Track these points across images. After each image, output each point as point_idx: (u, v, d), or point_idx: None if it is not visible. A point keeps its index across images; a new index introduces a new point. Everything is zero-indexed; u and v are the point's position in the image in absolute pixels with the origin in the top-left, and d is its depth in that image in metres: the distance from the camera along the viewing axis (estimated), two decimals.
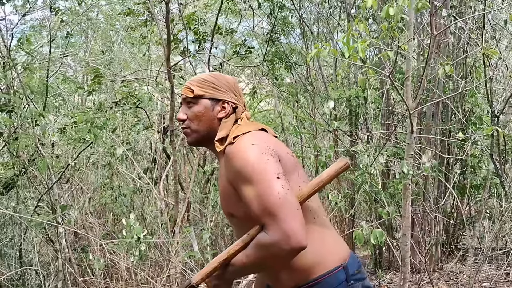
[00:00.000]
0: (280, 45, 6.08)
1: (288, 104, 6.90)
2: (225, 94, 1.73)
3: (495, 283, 4.85)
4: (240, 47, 5.64)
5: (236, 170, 1.55)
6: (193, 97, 1.72)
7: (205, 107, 1.72)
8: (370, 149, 3.85)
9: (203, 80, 1.73)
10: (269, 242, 1.47)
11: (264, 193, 1.49)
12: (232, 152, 1.59)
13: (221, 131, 1.69)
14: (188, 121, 1.74)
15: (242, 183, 1.53)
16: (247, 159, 1.53)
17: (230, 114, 1.73)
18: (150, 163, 5.73)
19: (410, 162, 3.17)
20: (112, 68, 5.82)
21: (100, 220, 6.36)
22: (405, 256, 3.30)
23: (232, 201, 1.62)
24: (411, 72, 3.15)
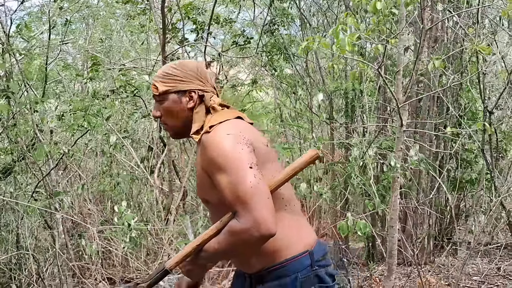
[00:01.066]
0: (280, 36, 6.07)
1: (287, 95, 6.92)
2: (190, 84, 1.73)
3: (485, 277, 4.89)
4: (239, 38, 5.65)
5: (210, 159, 1.59)
6: (159, 94, 1.74)
7: (173, 101, 1.74)
8: (364, 141, 3.88)
9: (166, 74, 1.74)
10: (240, 229, 1.53)
11: (236, 181, 1.54)
12: (207, 141, 1.62)
13: (195, 123, 1.72)
14: (163, 118, 1.78)
15: (216, 171, 1.58)
16: (222, 149, 1.58)
17: (199, 103, 1.75)
18: (147, 152, 5.77)
19: (399, 156, 3.20)
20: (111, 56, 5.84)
21: (98, 207, 6.43)
22: (392, 248, 3.35)
23: (206, 187, 1.67)
24: (402, 66, 3.17)
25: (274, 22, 5.83)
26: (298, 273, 1.65)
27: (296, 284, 1.64)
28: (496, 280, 4.83)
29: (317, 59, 5.49)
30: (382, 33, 2.78)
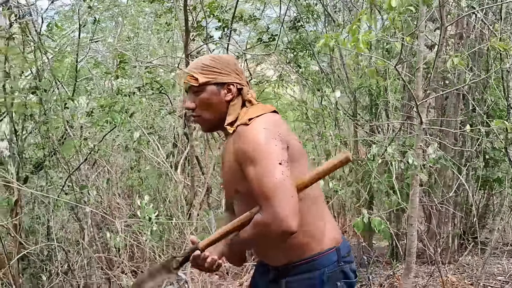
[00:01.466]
0: (305, 32, 6.07)
1: (313, 92, 6.92)
2: (229, 76, 1.75)
3: (510, 277, 4.81)
4: (263, 35, 5.69)
5: (245, 150, 1.62)
6: (199, 85, 1.74)
7: (212, 93, 1.74)
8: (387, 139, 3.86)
9: (205, 66, 1.75)
10: (261, 222, 1.57)
11: (263, 175, 1.57)
12: (244, 133, 1.65)
13: (230, 115, 1.74)
14: (198, 109, 1.77)
15: (248, 162, 1.61)
16: (257, 142, 1.61)
17: (236, 96, 1.77)
18: (172, 148, 5.87)
19: (419, 153, 3.18)
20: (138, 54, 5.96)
21: (126, 201, 6.57)
22: (411, 246, 3.33)
23: (237, 178, 1.68)
24: (422, 63, 3.15)
25: (298, 19, 5.84)
26: (325, 268, 1.70)
27: (323, 278, 1.69)
28: None
29: (341, 55, 5.47)
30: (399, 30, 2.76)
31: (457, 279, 4.29)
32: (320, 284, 1.69)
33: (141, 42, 6.28)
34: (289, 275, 1.72)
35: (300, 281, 1.70)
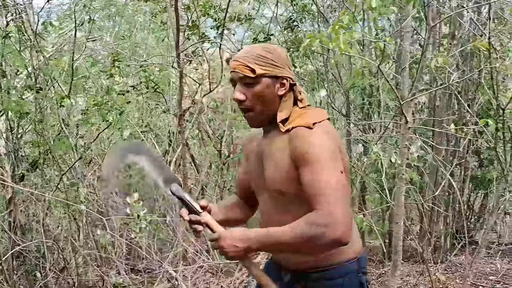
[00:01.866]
0: (300, 32, 6.09)
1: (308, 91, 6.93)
2: (284, 70, 1.67)
3: (502, 277, 4.82)
4: (258, 34, 5.71)
5: (309, 152, 1.54)
6: (254, 77, 1.63)
7: (267, 86, 1.65)
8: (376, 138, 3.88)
9: (261, 57, 1.64)
10: (319, 222, 1.47)
11: (328, 179, 1.51)
12: (309, 135, 1.57)
13: (282, 111, 1.66)
14: (249, 102, 1.67)
15: (310, 163, 1.53)
16: (323, 146, 1.55)
17: (288, 91, 1.69)
18: (168, 146, 5.90)
19: (404, 152, 3.20)
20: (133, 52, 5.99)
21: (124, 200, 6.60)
22: (396, 244, 3.35)
23: (286, 177, 1.61)
24: (407, 63, 3.17)
25: (293, 19, 5.86)
26: (347, 277, 1.67)
27: (343, 286, 1.67)
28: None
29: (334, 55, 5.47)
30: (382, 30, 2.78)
31: (446, 278, 4.30)
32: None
33: (137, 41, 6.30)
34: (309, 280, 1.69)
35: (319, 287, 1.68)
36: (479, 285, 4.60)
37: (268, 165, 1.68)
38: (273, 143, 1.68)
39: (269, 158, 1.68)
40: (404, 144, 3.18)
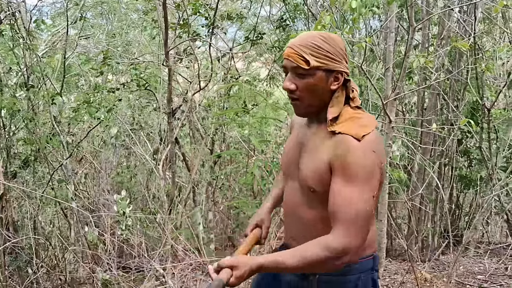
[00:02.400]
0: (292, 31, 6.12)
1: None
2: (340, 64, 1.58)
3: (490, 276, 4.86)
4: (249, 33, 5.73)
5: (349, 168, 1.50)
6: (309, 69, 1.56)
7: (320, 79, 1.57)
8: None
9: (318, 48, 1.55)
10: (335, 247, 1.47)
11: (358, 200, 1.49)
12: (354, 148, 1.51)
13: (333, 107, 1.59)
14: (299, 93, 1.60)
15: (346, 177, 1.51)
16: (364, 165, 1.50)
17: (341, 86, 1.61)
18: (159, 144, 5.92)
19: (388, 151, 3.23)
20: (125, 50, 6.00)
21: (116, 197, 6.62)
22: (380, 242, 3.39)
23: (321, 178, 1.58)
24: (391, 64, 3.20)
25: (285, 18, 5.89)
26: (361, 274, 1.66)
27: (358, 283, 1.65)
28: (501, 279, 4.79)
29: None
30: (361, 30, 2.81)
31: (432, 276, 4.34)
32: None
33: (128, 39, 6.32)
34: (322, 273, 1.65)
35: (334, 283, 1.65)
36: (466, 284, 4.63)
37: (306, 159, 1.65)
38: (316, 139, 1.64)
39: (308, 152, 1.65)
40: (388, 143, 3.21)
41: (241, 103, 6.04)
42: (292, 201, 1.73)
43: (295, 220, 1.73)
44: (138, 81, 5.29)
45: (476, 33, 3.47)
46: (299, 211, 1.69)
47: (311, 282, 1.68)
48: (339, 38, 1.63)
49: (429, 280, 4.41)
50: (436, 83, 4.24)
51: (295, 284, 1.74)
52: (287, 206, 1.78)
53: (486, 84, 5.02)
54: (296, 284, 1.74)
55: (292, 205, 1.73)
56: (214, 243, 5.88)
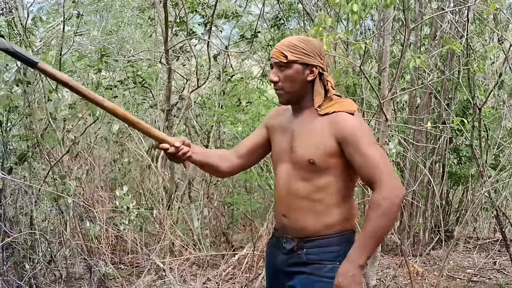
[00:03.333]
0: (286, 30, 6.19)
1: None
2: (314, 59, 1.92)
3: (479, 270, 5.01)
4: (245, 31, 5.80)
5: (357, 134, 1.82)
6: (286, 62, 1.91)
7: (297, 71, 1.91)
8: None
9: (294, 46, 1.91)
10: (384, 195, 1.76)
11: (381, 156, 1.85)
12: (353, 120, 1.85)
13: (316, 96, 1.93)
14: (281, 83, 1.94)
15: (361, 144, 1.82)
16: (367, 131, 1.88)
17: (318, 78, 1.94)
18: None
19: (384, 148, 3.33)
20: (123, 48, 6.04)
21: (110, 194, 6.65)
22: None
23: (324, 151, 1.86)
24: (387, 63, 3.30)
25: (280, 17, 5.96)
26: (343, 245, 1.89)
27: (341, 253, 1.86)
28: (489, 273, 4.94)
29: None
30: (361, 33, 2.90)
31: (424, 270, 4.46)
32: (336, 258, 1.87)
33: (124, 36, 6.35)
34: (310, 246, 1.90)
35: (319, 253, 1.89)
36: (456, 278, 4.78)
37: (301, 140, 1.93)
38: (306, 123, 1.94)
39: (302, 134, 1.93)
40: (384, 141, 3.32)
41: (235, 100, 6.11)
42: (285, 179, 1.97)
43: (289, 196, 1.95)
44: (135, 79, 5.34)
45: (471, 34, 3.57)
46: (293, 186, 1.94)
47: (300, 255, 1.92)
48: (316, 41, 2.02)
49: (421, 274, 4.53)
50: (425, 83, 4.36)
51: (285, 261, 1.97)
52: (280, 186, 2.01)
53: (477, 83, 5.16)
54: (287, 260, 1.97)
55: (285, 183, 1.96)
56: (209, 238, 5.95)
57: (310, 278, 1.89)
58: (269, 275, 2.12)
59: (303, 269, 1.90)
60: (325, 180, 1.87)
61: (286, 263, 1.97)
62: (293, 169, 1.95)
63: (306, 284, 1.89)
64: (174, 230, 4.39)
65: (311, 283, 1.88)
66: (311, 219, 1.90)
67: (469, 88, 3.81)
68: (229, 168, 2.14)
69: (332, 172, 1.88)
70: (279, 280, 2.02)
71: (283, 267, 1.99)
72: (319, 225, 1.90)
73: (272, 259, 2.07)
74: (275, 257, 2.04)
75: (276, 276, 2.04)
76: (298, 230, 1.94)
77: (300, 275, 1.91)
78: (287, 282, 1.96)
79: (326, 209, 1.89)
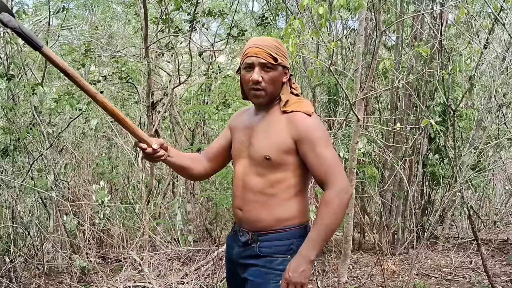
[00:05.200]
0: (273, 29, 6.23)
1: None
2: (287, 61, 2.01)
3: (455, 269, 5.08)
4: (231, 29, 5.83)
5: (314, 134, 1.89)
6: (275, 64, 1.94)
7: (280, 74, 1.97)
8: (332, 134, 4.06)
9: (278, 48, 1.97)
10: (335, 194, 1.84)
11: (333, 156, 1.91)
12: (310, 121, 1.91)
13: (283, 94, 1.99)
14: (264, 84, 1.95)
15: (318, 144, 1.88)
16: (323, 131, 1.93)
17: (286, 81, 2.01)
18: None
19: (355, 148, 3.39)
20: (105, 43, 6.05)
21: None
22: (347, 234, 3.54)
23: (279, 148, 1.92)
24: (360, 65, 3.35)
25: (266, 16, 6.00)
26: (294, 239, 1.95)
27: (293, 247, 1.93)
28: (464, 272, 5.01)
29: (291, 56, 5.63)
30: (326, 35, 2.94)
31: (400, 269, 4.52)
32: (289, 252, 1.93)
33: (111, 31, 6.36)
34: (263, 239, 1.97)
35: (271, 247, 1.95)
36: (432, 276, 4.84)
37: (259, 137, 1.99)
38: (266, 121, 2.00)
39: (260, 132, 1.99)
40: (356, 141, 3.37)
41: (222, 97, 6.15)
42: (242, 173, 2.03)
43: (244, 190, 2.01)
44: (120, 74, 5.36)
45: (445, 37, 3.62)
46: (248, 180, 1.99)
47: (254, 248, 1.99)
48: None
49: (397, 273, 4.59)
50: (407, 83, 4.41)
51: (240, 253, 2.04)
52: (237, 179, 2.07)
53: (457, 84, 5.22)
54: (241, 253, 2.03)
55: (242, 177, 2.03)
56: (193, 234, 5.99)
57: (262, 271, 1.95)
58: (227, 267, 2.18)
59: (256, 262, 1.96)
60: (279, 175, 1.93)
61: (241, 255, 2.03)
62: (250, 165, 2.01)
63: (258, 276, 1.95)
64: (153, 225, 4.42)
65: (263, 275, 1.94)
66: (264, 212, 1.96)
67: (443, 90, 3.86)
68: (202, 171, 2.19)
69: (287, 168, 1.93)
70: (235, 272, 2.09)
71: (238, 259, 2.05)
72: (272, 219, 1.95)
73: (229, 251, 2.13)
74: (232, 249, 2.11)
75: (233, 268, 2.11)
76: (252, 223, 2.00)
77: (253, 267, 1.97)
78: (242, 274, 2.03)
79: (279, 204, 1.94)
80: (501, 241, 6.30)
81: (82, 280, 4.80)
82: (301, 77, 5.53)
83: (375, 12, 3.11)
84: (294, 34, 2.70)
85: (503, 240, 6.36)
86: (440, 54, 3.61)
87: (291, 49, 2.71)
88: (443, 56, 3.57)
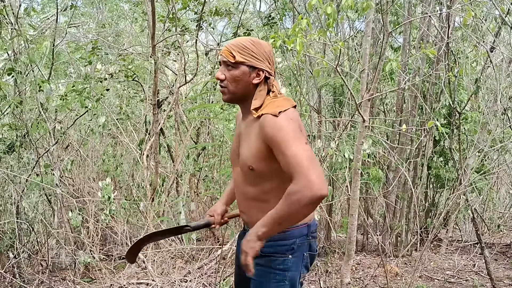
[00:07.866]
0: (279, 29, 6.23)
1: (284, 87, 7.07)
2: (261, 63, 1.91)
3: (458, 272, 5.07)
4: (237, 29, 5.84)
5: (277, 136, 1.79)
6: (234, 62, 1.89)
7: (243, 73, 1.90)
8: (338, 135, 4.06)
9: (244, 47, 1.90)
10: (296, 189, 1.71)
11: (297, 153, 1.75)
12: (275, 122, 1.81)
13: (256, 99, 1.91)
14: (226, 82, 1.93)
15: (281, 146, 1.78)
16: (286, 130, 1.79)
17: (263, 82, 1.93)
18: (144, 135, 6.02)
19: (360, 149, 3.40)
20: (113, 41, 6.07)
21: None
22: (351, 235, 3.55)
23: (258, 156, 1.88)
24: (367, 65, 3.35)
25: (273, 16, 6.00)
26: (297, 239, 1.96)
27: (294, 247, 1.95)
28: (467, 275, 5.00)
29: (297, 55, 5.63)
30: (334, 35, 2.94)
31: (403, 271, 4.52)
32: (290, 251, 1.96)
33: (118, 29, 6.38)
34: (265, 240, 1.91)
35: (274, 246, 1.95)
36: (435, 279, 4.83)
37: (243, 144, 1.97)
38: (249, 126, 1.95)
39: (244, 140, 1.97)
40: (361, 141, 3.37)
41: None
42: (238, 182, 2.06)
43: (242, 197, 2.06)
44: (126, 72, 5.38)
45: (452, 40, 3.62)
46: (243, 189, 2.02)
47: None
48: (266, 44, 1.98)
49: (400, 275, 4.59)
50: (413, 85, 4.41)
51: None
52: (236, 187, 2.11)
53: (462, 87, 5.21)
54: None
55: (238, 185, 2.06)
56: (196, 233, 6.00)
57: (264, 270, 1.97)
58: (236, 263, 2.23)
59: (258, 261, 1.97)
60: (269, 184, 1.91)
61: None
62: (242, 174, 2.02)
63: (260, 275, 1.97)
64: (158, 222, 4.44)
65: (265, 274, 1.97)
66: (262, 216, 1.92)
67: (449, 93, 3.86)
68: None
69: (274, 175, 1.90)
70: (242, 270, 2.10)
71: None
72: None
73: (238, 248, 2.17)
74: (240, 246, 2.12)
75: (240, 266, 2.12)
76: (251, 225, 1.99)
77: (256, 266, 1.97)
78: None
79: None
80: (505, 244, 6.29)
81: (86, 276, 4.83)
82: (307, 77, 5.53)
83: (382, 13, 3.11)
84: (302, 34, 2.71)
85: (506, 243, 6.34)
86: (446, 57, 3.61)
87: (298, 48, 2.72)
88: (450, 59, 3.57)
